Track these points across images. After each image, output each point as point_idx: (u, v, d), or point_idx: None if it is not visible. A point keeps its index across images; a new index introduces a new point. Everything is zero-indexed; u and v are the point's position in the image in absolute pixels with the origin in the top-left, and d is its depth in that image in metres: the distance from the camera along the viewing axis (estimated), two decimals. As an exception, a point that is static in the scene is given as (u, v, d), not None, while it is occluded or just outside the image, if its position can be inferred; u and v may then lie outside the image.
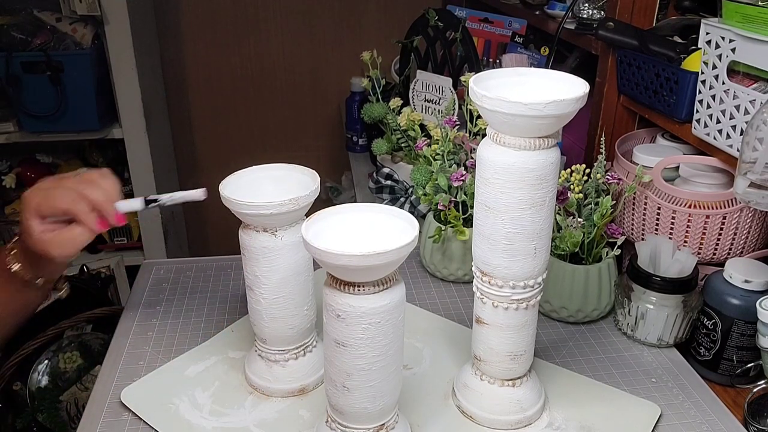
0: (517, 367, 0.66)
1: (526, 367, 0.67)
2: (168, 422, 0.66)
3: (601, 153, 0.82)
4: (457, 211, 0.89)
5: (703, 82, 0.75)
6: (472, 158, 0.91)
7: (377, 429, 0.60)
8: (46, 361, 1.07)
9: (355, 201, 1.55)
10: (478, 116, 0.91)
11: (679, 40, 0.88)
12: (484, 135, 0.62)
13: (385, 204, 0.58)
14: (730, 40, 0.70)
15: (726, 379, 0.76)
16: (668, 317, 0.76)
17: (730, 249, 0.81)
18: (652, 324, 0.77)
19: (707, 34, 0.73)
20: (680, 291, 0.75)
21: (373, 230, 0.55)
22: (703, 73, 0.75)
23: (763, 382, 0.70)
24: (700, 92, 0.76)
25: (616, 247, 0.81)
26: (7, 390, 1.05)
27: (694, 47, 0.82)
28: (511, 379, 0.67)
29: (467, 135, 0.94)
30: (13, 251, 0.72)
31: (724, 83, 0.72)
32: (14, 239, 0.73)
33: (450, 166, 0.90)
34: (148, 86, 1.74)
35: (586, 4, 1.03)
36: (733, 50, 0.70)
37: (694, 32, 0.83)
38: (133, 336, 0.80)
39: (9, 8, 1.60)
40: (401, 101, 1.20)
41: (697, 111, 0.77)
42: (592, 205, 0.81)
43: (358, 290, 0.52)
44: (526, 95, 0.53)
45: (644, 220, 0.85)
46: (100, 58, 1.61)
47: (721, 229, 0.79)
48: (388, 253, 0.49)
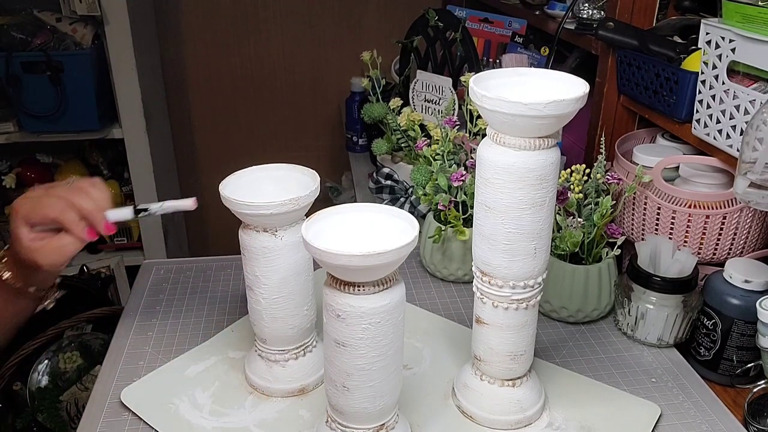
0: (517, 367, 0.66)
1: (526, 367, 0.67)
2: (168, 422, 0.67)
3: (601, 153, 0.82)
4: (457, 211, 0.89)
5: (703, 82, 0.75)
6: (472, 158, 0.91)
7: (377, 429, 0.60)
8: (46, 361, 1.06)
9: (355, 201, 1.55)
10: (478, 116, 0.91)
11: (679, 40, 0.88)
12: (484, 135, 0.62)
13: (385, 204, 0.58)
14: (730, 40, 0.70)
15: (726, 379, 0.76)
16: (668, 317, 0.76)
17: (730, 249, 0.81)
18: (652, 324, 0.77)
19: (707, 34, 0.73)
20: (680, 291, 0.75)
21: (373, 230, 0.55)
22: (703, 73, 0.75)
23: (763, 382, 0.70)
24: (700, 92, 0.76)
25: (616, 247, 0.81)
26: (7, 390, 1.04)
27: (694, 47, 0.82)
28: (511, 379, 0.67)
29: (467, 135, 0.94)
30: (4, 259, 0.72)
31: (724, 83, 0.72)
32: (5, 247, 0.72)
33: (450, 166, 0.90)
34: (148, 86, 1.74)
35: (586, 4, 1.03)
36: (733, 50, 0.70)
37: (694, 32, 0.83)
38: (133, 336, 0.80)
39: (9, 8, 1.60)
40: (401, 101, 1.20)
41: (697, 111, 0.77)
42: (592, 205, 0.81)
43: (358, 290, 0.52)
44: (526, 95, 0.53)
45: (644, 220, 0.85)
46: (100, 58, 1.61)
47: (721, 229, 0.79)
48: (388, 253, 0.49)
